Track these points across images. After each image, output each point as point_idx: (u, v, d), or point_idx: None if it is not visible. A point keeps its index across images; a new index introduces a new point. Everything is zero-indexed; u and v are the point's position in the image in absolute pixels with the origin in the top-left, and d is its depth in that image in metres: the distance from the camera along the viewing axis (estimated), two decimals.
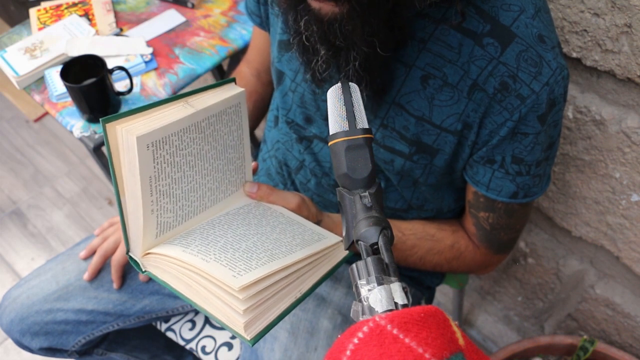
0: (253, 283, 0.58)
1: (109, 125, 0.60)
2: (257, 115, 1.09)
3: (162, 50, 1.21)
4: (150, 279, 0.98)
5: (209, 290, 0.60)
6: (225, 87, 0.71)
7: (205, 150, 0.68)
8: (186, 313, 1.07)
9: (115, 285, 0.96)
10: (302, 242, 0.67)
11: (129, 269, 0.98)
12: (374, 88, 0.69)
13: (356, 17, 0.59)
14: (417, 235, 0.85)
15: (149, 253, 0.66)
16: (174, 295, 0.99)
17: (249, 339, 0.58)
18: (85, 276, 0.95)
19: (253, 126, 1.11)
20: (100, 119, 0.59)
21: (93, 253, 0.98)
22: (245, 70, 1.07)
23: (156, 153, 0.61)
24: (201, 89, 0.68)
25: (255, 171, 0.97)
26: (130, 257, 0.67)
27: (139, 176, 0.61)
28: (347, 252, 0.71)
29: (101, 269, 0.97)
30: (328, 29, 0.61)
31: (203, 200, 0.71)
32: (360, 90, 0.66)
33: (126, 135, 0.59)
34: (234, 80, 0.72)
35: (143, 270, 0.66)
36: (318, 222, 0.77)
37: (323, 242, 0.68)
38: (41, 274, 0.99)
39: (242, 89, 0.71)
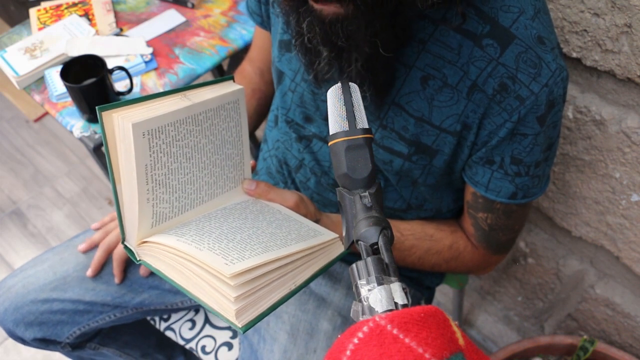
0: (245, 271, 0.58)
1: (105, 113, 0.60)
2: (261, 112, 1.09)
3: (162, 50, 1.21)
4: (151, 273, 0.98)
5: (202, 278, 0.60)
6: (224, 84, 0.71)
7: (202, 144, 0.68)
8: (186, 309, 1.07)
9: (116, 280, 0.95)
10: (297, 237, 0.67)
11: (129, 262, 0.98)
12: (377, 88, 0.69)
13: (360, 18, 0.59)
14: (416, 236, 0.85)
15: (144, 242, 0.66)
16: (173, 290, 0.99)
17: (240, 326, 0.58)
18: (89, 272, 0.95)
19: (256, 124, 1.11)
20: (96, 107, 0.59)
21: (94, 248, 0.97)
22: (248, 68, 1.07)
23: (152, 142, 0.62)
24: (200, 84, 0.69)
25: (253, 169, 0.97)
26: (126, 246, 0.67)
27: (134, 164, 0.61)
28: (343, 248, 0.71)
29: None
30: (330, 30, 0.61)
31: (200, 194, 0.71)
32: (363, 91, 0.66)
33: (122, 122, 0.60)
34: (232, 77, 0.72)
35: (138, 259, 0.66)
36: (316, 222, 0.77)
37: (319, 238, 0.68)
38: (38, 264, 0.99)
39: (241, 87, 0.71)
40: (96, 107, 0.59)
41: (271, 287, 0.62)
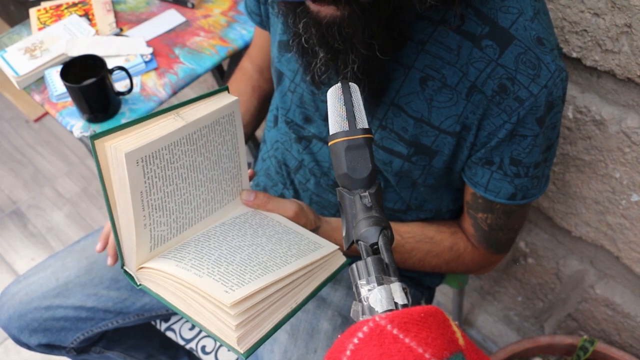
0: (245, 298, 0.58)
1: (97, 142, 0.59)
2: (262, 111, 1.09)
3: (162, 50, 1.21)
4: None
5: (202, 305, 0.59)
6: (219, 96, 0.69)
7: (198, 162, 0.67)
8: None
9: (110, 262, 0.90)
10: (297, 253, 0.66)
11: None
12: (372, 90, 0.69)
13: (357, 21, 0.59)
14: (416, 238, 0.85)
15: (143, 267, 0.65)
16: None
17: (242, 352, 0.58)
18: (110, 262, 0.90)
19: (257, 123, 1.11)
20: (89, 137, 0.59)
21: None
22: (248, 66, 1.07)
23: (146, 168, 0.61)
24: (194, 99, 0.67)
25: (251, 178, 0.96)
26: (125, 272, 0.67)
27: (129, 192, 0.60)
28: (343, 259, 0.71)
29: (101, 267, 0.97)
30: (327, 32, 0.61)
31: (198, 211, 0.70)
32: None
33: (115, 152, 0.59)
34: (226, 88, 0.71)
35: (138, 284, 0.66)
36: (316, 229, 0.77)
37: (319, 252, 0.67)
38: (40, 270, 0.99)
39: (236, 98, 0.69)
40: (89, 137, 0.58)
41: (272, 309, 0.61)
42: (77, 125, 1.10)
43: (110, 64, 1.12)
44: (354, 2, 0.57)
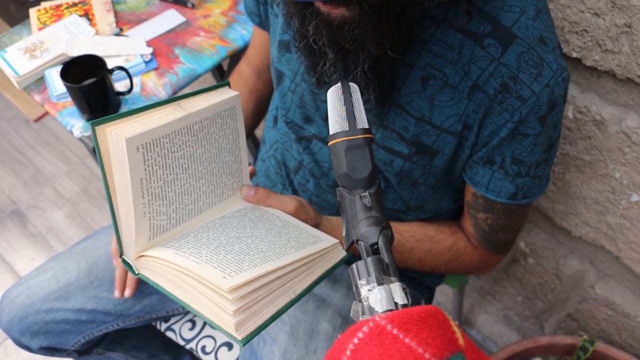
0: (243, 284, 0.58)
1: (98, 128, 0.60)
2: (259, 113, 1.09)
3: (162, 50, 1.21)
4: None
5: (200, 292, 0.60)
6: (220, 91, 0.70)
7: (199, 153, 0.68)
8: (186, 313, 1.07)
9: (127, 293, 0.94)
10: (297, 245, 0.66)
11: None
12: (382, 91, 0.69)
13: (368, 21, 0.59)
14: (416, 237, 0.85)
15: (142, 256, 0.66)
16: None
17: (240, 339, 0.58)
18: (117, 294, 0.93)
19: (255, 124, 1.11)
20: (90, 122, 0.59)
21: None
22: (245, 68, 1.07)
23: (147, 155, 0.61)
24: (195, 92, 0.68)
25: (252, 175, 0.97)
26: (124, 260, 0.67)
27: (129, 178, 0.61)
28: (344, 253, 0.71)
29: (101, 269, 0.97)
30: (338, 33, 0.61)
31: (198, 204, 0.70)
32: (368, 94, 0.66)
33: (115, 137, 0.59)
34: (228, 84, 0.72)
35: (136, 272, 0.66)
36: (316, 226, 0.77)
37: (319, 245, 0.67)
38: (41, 273, 0.99)
39: (237, 93, 0.70)
40: (90, 122, 0.59)
41: (271, 298, 0.61)
42: (77, 125, 1.10)
43: (110, 64, 1.12)
44: (364, 1, 0.57)
